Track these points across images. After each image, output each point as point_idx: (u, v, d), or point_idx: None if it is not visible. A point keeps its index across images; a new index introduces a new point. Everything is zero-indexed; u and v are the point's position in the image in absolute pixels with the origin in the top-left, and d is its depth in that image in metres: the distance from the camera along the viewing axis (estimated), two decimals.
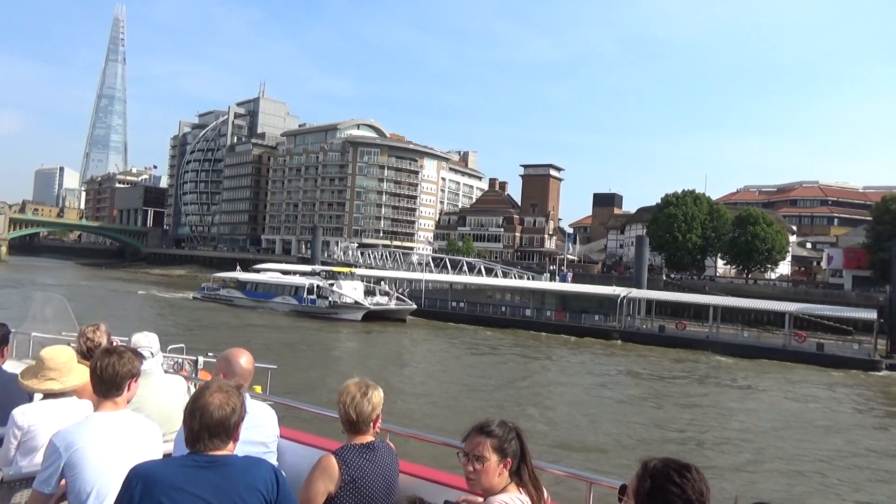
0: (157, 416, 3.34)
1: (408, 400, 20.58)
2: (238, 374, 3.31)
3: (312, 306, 49.36)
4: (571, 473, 2.99)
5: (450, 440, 3.25)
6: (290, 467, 3.34)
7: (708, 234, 75.83)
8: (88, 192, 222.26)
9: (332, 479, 2.75)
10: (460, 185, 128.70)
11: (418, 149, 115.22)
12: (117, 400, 2.87)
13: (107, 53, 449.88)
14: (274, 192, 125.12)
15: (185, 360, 8.25)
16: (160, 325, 35.39)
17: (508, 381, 26.55)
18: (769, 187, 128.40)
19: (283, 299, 51.73)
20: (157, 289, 70.75)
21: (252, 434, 3.02)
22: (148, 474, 2.13)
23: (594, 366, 33.36)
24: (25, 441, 3.12)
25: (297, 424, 3.98)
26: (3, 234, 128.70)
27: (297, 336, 38.10)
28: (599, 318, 48.21)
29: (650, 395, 25.48)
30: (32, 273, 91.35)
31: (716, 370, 34.33)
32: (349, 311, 47.52)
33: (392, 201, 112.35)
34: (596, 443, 16.93)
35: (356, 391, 2.94)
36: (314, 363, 28.06)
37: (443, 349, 37.01)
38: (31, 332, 6.70)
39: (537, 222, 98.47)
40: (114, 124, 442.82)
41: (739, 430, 19.53)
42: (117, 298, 55.70)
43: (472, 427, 2.54)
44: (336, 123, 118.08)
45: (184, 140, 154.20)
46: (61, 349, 3.46)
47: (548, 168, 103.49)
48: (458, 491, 2.95)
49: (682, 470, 1.80)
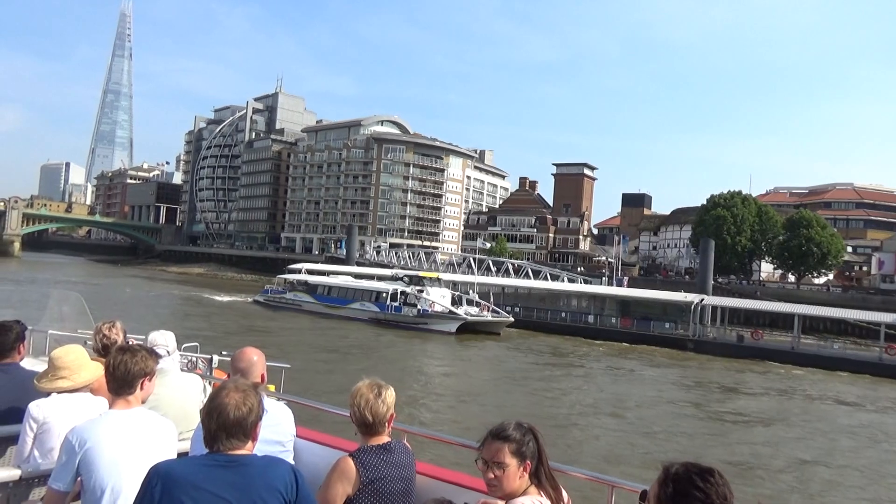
0: (173, 414, 3.32)
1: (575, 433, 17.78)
2: (253, 372, 3.31)
3: (397, 315, 44.24)
4: (593, 477, 2.88)
5: (465, 440, 3.24)
6: (307, 466, 3.23)
7: (756, 237, 73.04)
8: (99, 187, 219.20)
9: (350, 482, 2.74)
10: (484, 184, 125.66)
11: (444, 146, 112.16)
12: (130, 398, 2.86)
13: (113, 49, 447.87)
14: (294, 189, 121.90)
15: (200, 359, 8.12)
16: (247, 340, 32.07)
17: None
18: (800, 189, 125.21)
19: (362, 306, 46.84)
20: (208, 291, 66.75)
21: (269, 433, 2.94)
22: (168, 473, 2.12)
23: (690, 384, 30.34)
24: (41, 435, 3.12)
25: (312, 424, 3.91)
26: (17, 230, 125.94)
27: (385, 350, 34.22)
28: (670, 325, 45.27)
29: (759, 415, 23.04)
30: (47, 270, 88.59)
31: (815, 385, 31.47)
32: (442, 321, 42.32)
33: (417, 199, 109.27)
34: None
35: (369, 393, 2.90)
36: (412, 384, 25.17)
37: (547, 366, 33.32)
38: (47, 330, 6.60)
39: (571, 223, 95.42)
40: (119, 120, 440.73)
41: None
42: (160, 302, 52.09)
43: (487, 432, 2.46)
44: (360, 119, 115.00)
45: (199, 135, 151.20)
46: (70, 348, 3.47)
47: (581, 167, 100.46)
48: (476, 493, 2.88)
49: (704, 474, 1.74)
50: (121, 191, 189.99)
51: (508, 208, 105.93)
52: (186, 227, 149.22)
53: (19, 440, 3.19)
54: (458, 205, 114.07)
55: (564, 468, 2.80)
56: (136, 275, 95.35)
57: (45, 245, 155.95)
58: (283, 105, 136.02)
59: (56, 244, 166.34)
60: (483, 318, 43.47)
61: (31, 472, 2.98)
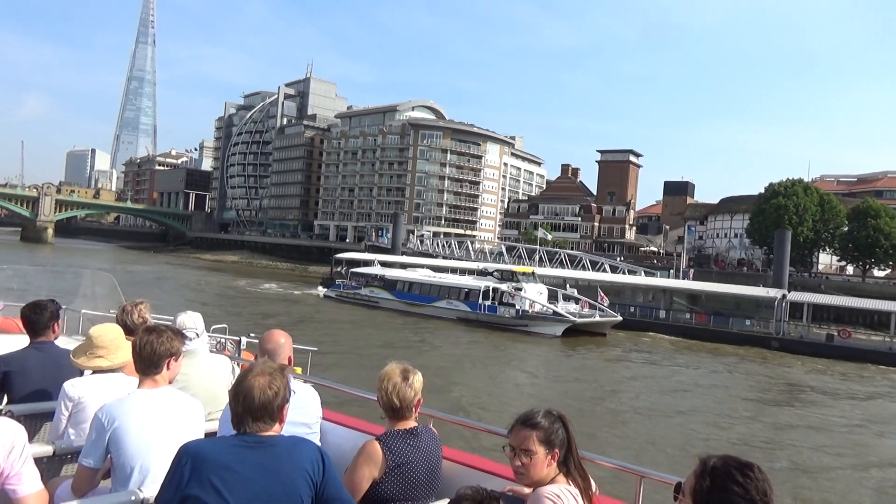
0: (202, 394, 3.36)
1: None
2: (280, 354, 3.32)
3: (492, 315, 40.00)
4: (622, 466, 2.86)
5: (493, 427, 3.25)
6: (333, 449, 3.27)
7: (818, 227, 69.80)
8: (127, 174, 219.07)
9: (376, 465, 2.76)
10: (520, 171, 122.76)
11: (481, 132, 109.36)
12: (157, 378, 2.90)
13: (137, 35, 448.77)
14: (327, 176, 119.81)
15: (228, 341, 8.13)
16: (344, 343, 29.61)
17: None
18: (848, 177, 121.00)
19: (450, 304, 42.65)
20: (260, 281, 64.96)
21: (295, 415, 2.93)
22: (197, 453, 2.15)
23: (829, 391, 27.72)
24: (76, 413, 3.17)
25: (338, 406, 3.78)
26: (50, 216, 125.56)
27: (484, 357, 29.69)
28: (750, 322, 42.64)
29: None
30: (83, 256, 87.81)
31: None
32: (545, 323, 37.95)
33: (454, 187, 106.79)
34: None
35: (398, 377, 2.89)
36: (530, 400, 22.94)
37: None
38: (81, 310, 6.52)
39: (617, 211, 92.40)
40: (143, 107, 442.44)
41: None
42: (225, 296, 49.75)
43: (516, 419, 2.46)
44: (395, 105, 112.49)
45: (229, 121, 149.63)
46: (109, 327, 3.52)
47: (627, 154, 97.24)
48: (502, 479, 2.90)
49: (744, 468, 1.71)
50: (149, 177, 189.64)
51: (550, 196, 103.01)
52: (217, 214, 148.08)
53: (54, 417, 3.22)
54: (494, 192, 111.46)
55: (593, 457, 2.75)
56: (171, 262, 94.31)
57: (75, 231, 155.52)
58: (315, 90, 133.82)
59: (85, 230, 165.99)
60: (592, 319, 39.06)
61: (64, 449, 3.06)
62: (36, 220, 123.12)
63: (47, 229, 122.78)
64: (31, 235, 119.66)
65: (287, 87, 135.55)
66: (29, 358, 3.69)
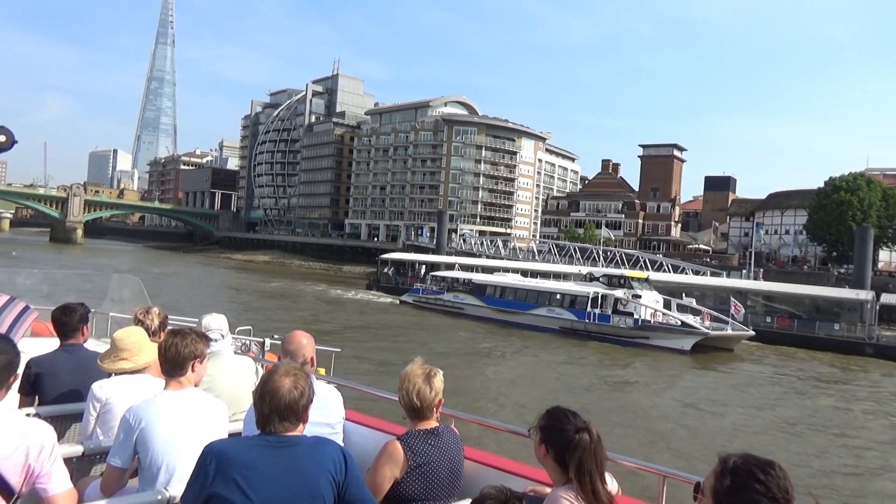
0: (226, 395, 3.42)
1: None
2: (302, 355, 3.34)
3: (604, 325, 35.57)
4: (644, 466, 2.86)
5: (514, 427, 3.29)
6: (355, 449, 3.26)
7: (883, 223, 66.52)
8: (151, 173, 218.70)
9: (398, 465, 2.77)
10: (555, 167, 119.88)
11: (516, 127, 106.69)
12: (182, 379, 2.95)
13: (156, 36, 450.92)
14: (358, 174, 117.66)
15: (253, 342, 8.15)
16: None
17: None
18: (893, 171, 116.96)
19: (551, 312, 38.19)
20: (314, 282, 62.66)
21: (318, 415, 2.94)
22: (222, 452, 2.18)
23: None
24: (104, 414, 3.25)
25: (361, 407, 3.86)
26: (79, 217, 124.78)
27: (612, 375, 25.67)
28: (839, 327, 39.77)
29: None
30: (113, 257, 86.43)
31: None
32: (671, 336, 33.21)
33: (489, 184, 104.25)
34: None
35: (419, 377, 2.90)
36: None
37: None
38: (108, 313, 6.61)
39: (662, 208, 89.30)
40: (164, 107, 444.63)
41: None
42: (280, 301, 47.39)
43: (545, 410, 2.48)
44: (427, 101, 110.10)
45: (256, 120, 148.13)
46: (132, 330, 3.63)
47: (671, 148, 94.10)
48: (523, 480, 2.92)
49: (765, 466, 1.70)
50: (174, 177, 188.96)
51: (591, 192, 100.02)
52: (244, 214, 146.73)
53: (83, 418, 3.30)
54: (529, 189, 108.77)
55: (616, 457, 2.72)
56: (203, 262, 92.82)
57: (101, 231, 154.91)
58: (343, 87, 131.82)
59: (110, 231, 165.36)
60: (725, 332, 34.02)
61: (93, 449, 3.12)
62: (66, 220, 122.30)
63: (77, 230, 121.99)
64: (60, 236, 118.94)
65: (314, 84, 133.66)
66: (59, 360, 3.74)
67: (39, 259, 68.73)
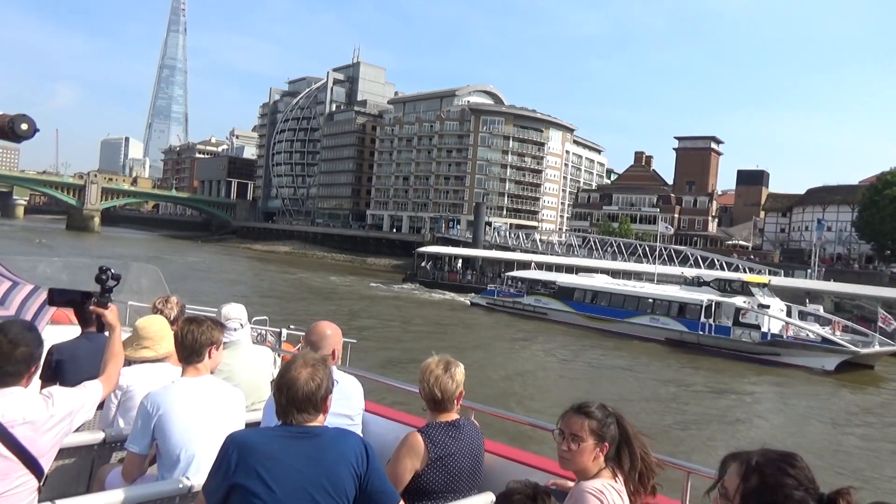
0: (245, 385, 3.43)
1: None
2: (324, 346, 3.32)
3: (723, 338, 30.96)
4: (668, 461, 2.75)
5: (536, 420, 3.29)
6: (374, 440, 3.14)
7: None
8: (166, 161, 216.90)
9: (418, 457, 2.77)
10: (582, 159, 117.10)
11: (544, 118, 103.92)
12: (199, 366, 2.98)
13: (168, 24, 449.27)
14: (380, 164, 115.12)
15: (269, 332, 8.26)
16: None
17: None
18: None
19: (654, 321, 33.92)
20: (340, 275, 59.97)
21: (338, 406, 2.92)
22: (243, 442, 2.18)
23: None
24: (125, 402, 3.30)
25: (380, 398, 3.73)
26: (97, 205, 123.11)
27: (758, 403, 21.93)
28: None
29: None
30: (131, 246, 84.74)
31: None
32: (808, 353, 28.53)
33: (516, 175, 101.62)
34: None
35: (439, 369, 2.90)
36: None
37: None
38: (127, 301, 6.57)
39: (698, 202, 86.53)
40: (175, 95, 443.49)
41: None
42: (330, 297, 44.51)
43: (570, 406, 2.47)
44: (453, 90, 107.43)
45: (274, 108, 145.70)
46: (154, 318, 3.71)
47: (709, 141, 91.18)
48: (544, 473, 2.92)
49: (790, 459, 1.68)
50: (189, 165, 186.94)
51: (624, 185, 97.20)
52: (262, 203, 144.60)
53: (104, 406, 3.32)
54: (557, 181, 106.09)
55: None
56: (222, 252, 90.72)
57: (116, 220, 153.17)
58: (365, 76, 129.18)
59: (124, 219, 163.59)
60: (874, 349, 28.93)
61: (114, 436, 3.16)
62: (83, 208, 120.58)
63: (94, 217, 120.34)
64: (77, 224, 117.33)
65: (335, 72, 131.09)
66: (80, 347, 3.77)
67: (63, 247, 67.28)
